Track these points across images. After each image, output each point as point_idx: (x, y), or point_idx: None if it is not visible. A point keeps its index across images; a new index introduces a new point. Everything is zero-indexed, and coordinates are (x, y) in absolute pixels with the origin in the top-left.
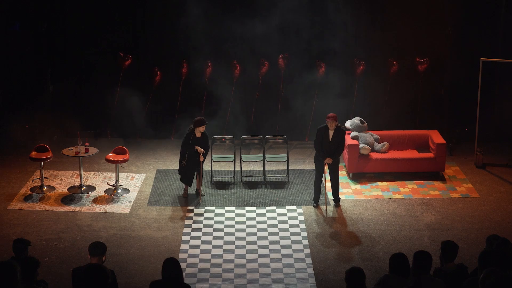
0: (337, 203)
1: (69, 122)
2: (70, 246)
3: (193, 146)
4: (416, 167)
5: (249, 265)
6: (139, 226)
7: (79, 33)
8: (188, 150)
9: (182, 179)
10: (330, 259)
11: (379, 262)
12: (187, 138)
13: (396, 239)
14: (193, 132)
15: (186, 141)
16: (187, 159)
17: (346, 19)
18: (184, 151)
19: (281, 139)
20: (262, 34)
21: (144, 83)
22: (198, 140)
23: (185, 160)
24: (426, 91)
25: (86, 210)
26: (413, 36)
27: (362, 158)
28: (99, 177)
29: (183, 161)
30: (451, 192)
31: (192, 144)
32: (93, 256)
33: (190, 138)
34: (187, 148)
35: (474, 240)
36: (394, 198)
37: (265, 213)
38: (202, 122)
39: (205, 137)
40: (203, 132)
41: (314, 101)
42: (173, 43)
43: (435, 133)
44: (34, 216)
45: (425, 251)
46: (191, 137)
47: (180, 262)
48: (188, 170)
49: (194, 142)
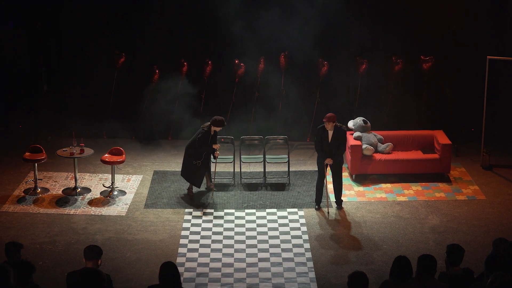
0: (339, 205)
1: (63, 122)
2: (64, 250)
3: (211, 145)
4: (421, 168)
5: (249, 269)
6: (135, 229)
7: (74, 32)
8: (206, 150)
9: (190, 179)
10: (332, 263)
11: (383, 267)
12: (205, 137)
13: (400, 243)
14: (209, 130)
15: (205, 140)
16: (202, 159)
17: (349, 16)
18: (203, 150)
19: (281, 139)
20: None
21: (142, 81)
22: (212, 138)
23: (200, 160)
24: (431, 90)
25: (81, 213)
26: (418, 33)
27: (365, 159)
28: (95, 178)
29: (197, 161)
30: (457, 194)
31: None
32: (89, 260)
33: (209, 137)
34: (206, 148)
35: (480, 244)
36: (398, 200)
37: (265, 215)
38: (222, 123)
39: (216, 135)
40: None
41: (316, 100)
42: (173, 41)
43: (440, 133)
44: (28, 219)
45: (430, 254)
46: (209, 137)
47: (178, 266)
48: (200, 170)
49: (211, 142)
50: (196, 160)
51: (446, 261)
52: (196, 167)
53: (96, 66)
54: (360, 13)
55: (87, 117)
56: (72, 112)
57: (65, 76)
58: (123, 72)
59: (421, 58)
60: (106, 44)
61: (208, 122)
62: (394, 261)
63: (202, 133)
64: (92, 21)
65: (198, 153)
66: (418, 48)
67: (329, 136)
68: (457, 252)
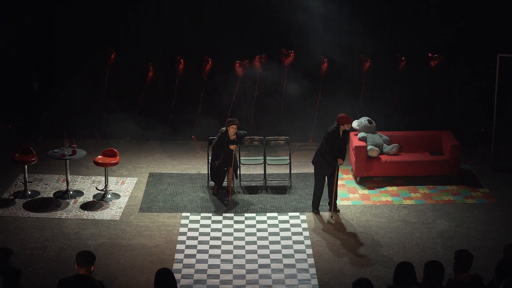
0: (336, 208)
1: (55, 122)
2: (56, 256)
3: (228, 146)
4: (428, 170)
5: (248, 276)
6: (130, 234)
7: (66, 28)
8: (223, 152)
9: (212, 178)
10: (335, 269)
11: (389, 273)
12: (221, 139)
13: (407, 248)
14: (226, 133)
15: (221, 142)
16: (221, 161)
17: (353, 12)
18: (219, 152)
19: (283, 140)
20: (263, 29)
21: (136, 80)
22: (233, 142)
23: (218, 161)
24: (439, 89)
25: (73, 217)
26: (425, 29)
27: (370, 161)
28: (87, 181)
29: (216, 162)
30: (466, 198)
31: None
32: (81, 266)
33: (225, 139)
34: (222, 150)
35: (490, 249)
36: (405, 204)
37: (266, 220)
38: (230, 121)
39: (240, 138)
40: (237, 133)
41: (318, 100)
42: (168, 37)
43: (448, 134)
44: (18, 223)
45: (437, 261)
46: (226, 139)
47: (175, 272)
48: (220, 170)
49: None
50: (215, 161)
51: (454, 268)
52: (215, 167)
53: (89, 63)
54: (364, 6)
55: (79, 116)
56: (64, 111)
57: (56, 74)
58: (117, 69)
59: (429, 55)
60: (99, 40)
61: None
62: (396, 267)
63: (218, 136)
64: (85, 16)
65: (217, 154)
66: (425, 45)
67: (340, 136)
68: (466, 258)
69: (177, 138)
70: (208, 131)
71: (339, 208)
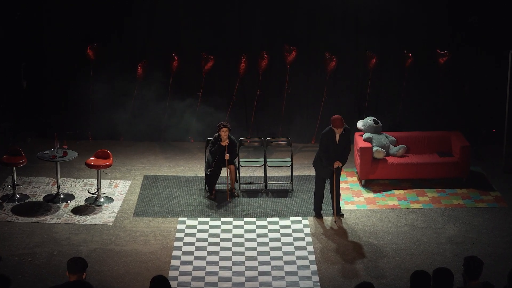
0: (339, 211)
1: (45, 122)
2: (46, 262)
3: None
4: (437, 172)
5: (248, 283)
6: (124, 240)
7: (56, 23)
8: (214, 159)
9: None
10: (339, 277)
11: (395, 280)
12: (212, 145)
13: (415, 254)
14: (218, 138)
15: (212, 151)
16: (213, 168)
17: (358, 7)
18: (212, 159)
19: (284, 141)
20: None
21: (130, 78)
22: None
23: (211, 169)
24: (448, 87)
25: (64, 222)
26: (433, 25)
27: (376, 163)
28: (79, 184)
29: (208, 169)
30: (476, 201)
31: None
32: (72, 274)
33: (215, 144)
34: (214, 157)
35: (502, 256)
36: (412, 208)
37: (266, 225)
38: (220, 125)
39: (232, 145)
40: (229, 137)
41: (322, 99)
42: (163, 32)
43: (458, 135)
44: (6, 229)
45: (446, 268)
46: (216, 144)
47: (170, 280)
48: (212, 177)
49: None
50: (208, 169)
51: (464, 275)
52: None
53: (80, 61)
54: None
55: (71, 116)
56: (55, 111)
57: (46, 71)
58: (110, 67)
59: (437, 52)
60: (91, 36)
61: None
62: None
63: (211, 141)
64: (76, 11)
65: (209, 162)
66: (434, 41)
67: (336, 138)
68: (475, 265)
69: (173, 139)
70: (206, 131)
71: (343, 213)
